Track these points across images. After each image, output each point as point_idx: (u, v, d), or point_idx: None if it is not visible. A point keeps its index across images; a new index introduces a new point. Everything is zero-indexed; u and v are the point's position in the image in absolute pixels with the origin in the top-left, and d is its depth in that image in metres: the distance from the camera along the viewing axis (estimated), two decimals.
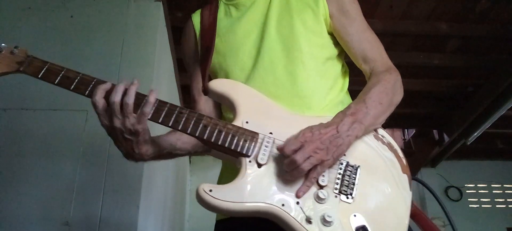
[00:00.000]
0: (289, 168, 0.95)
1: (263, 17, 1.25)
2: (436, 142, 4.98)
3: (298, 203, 0.95)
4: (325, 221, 0.93)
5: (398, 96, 1.14)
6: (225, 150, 1.03)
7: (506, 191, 5.87)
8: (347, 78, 1.29)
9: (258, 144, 1.02)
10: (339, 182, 0.99)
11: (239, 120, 1.06)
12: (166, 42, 2.84)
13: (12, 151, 2.06)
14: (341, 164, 1.01)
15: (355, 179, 0.99)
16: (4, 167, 2.03)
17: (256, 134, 1.03)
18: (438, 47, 3.54)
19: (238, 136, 1.02)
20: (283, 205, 0.95)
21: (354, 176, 0.99)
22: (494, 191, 5.88)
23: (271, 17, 1.23)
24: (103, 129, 1.04)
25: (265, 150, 1.01)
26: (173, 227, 3.62)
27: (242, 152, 1.01)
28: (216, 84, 1.13)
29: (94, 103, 1.01)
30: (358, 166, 1.01)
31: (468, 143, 4.66)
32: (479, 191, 5.86)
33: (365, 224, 0.94)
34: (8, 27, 2.34)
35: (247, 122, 1.06)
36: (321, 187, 0.97)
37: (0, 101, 2.15)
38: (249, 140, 1.02)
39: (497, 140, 5.57)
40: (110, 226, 1.96)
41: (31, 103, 2.15)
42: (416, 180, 1.17)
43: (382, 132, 1.10)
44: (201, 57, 1.29)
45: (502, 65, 3.64)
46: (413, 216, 1.07)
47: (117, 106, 0.99)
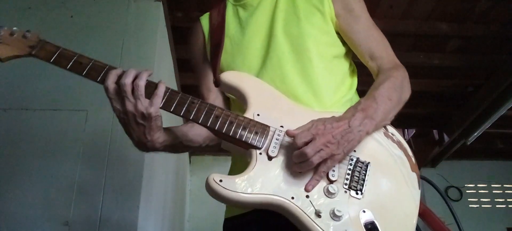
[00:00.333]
0: (299, 160, 0.95)
1: (270, 16, 1.26)
2: (436, 142, 4.98)
3: (307, 196, 0.95)
4: (335, 216, 0.93)
5: (407, 93, 1.15)
6: (235, 141, 1.03)
7: (506, 191, 5.86)
8: (355, 78, 1.29)
9: (269, 136, 1.02)
10: (349, 177, 0.98)
11: (250, 112, 1.06)
12: (166, 42, 2.84)
13: (12, 151, 2.06)
14: (351, 159, 1.01)
15: (365, 175, 0.99)
16: (4, 167, 2.03)
17: (267, 127, 1.03)
18: (438, 47, 3.54)
19: (249, 127, 1.02)
20: (293, 198, 0.95)
21: (364, 172, 0.99)
22: (494, 191, 5.86)
23: (278, 16, 1.24)
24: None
25: (275, 143, 1.01)
26: (173, 227, 3.62)
27: (253, 144, 1.01)
28: (228, 76, 1.14)
29: (106, 88, 1.01)
30: (369, 162, 1.01)
31: (468, 143, 4.65)
32: (479, 191, 5.84)
33: (374, 220, 0.94)
34: (8, 27, 2.34)
35: (258, 114, 1.06)
36: (331, 181, 0.97)
37: (0, 101, 2.15)
38: (260, 132, 1.02)
39: (497, 139, 5.55)
40: (110, 226, 1.96)
41: (31, 103, 2.14)
42: (424, 179, 1.17)
43: (392, 129, 1.10)
44: (211, 53, 1.30)
45: (502, 65, 3.64)
46: (422, 214, 1.07)
47: (128, 88, 0.99)
